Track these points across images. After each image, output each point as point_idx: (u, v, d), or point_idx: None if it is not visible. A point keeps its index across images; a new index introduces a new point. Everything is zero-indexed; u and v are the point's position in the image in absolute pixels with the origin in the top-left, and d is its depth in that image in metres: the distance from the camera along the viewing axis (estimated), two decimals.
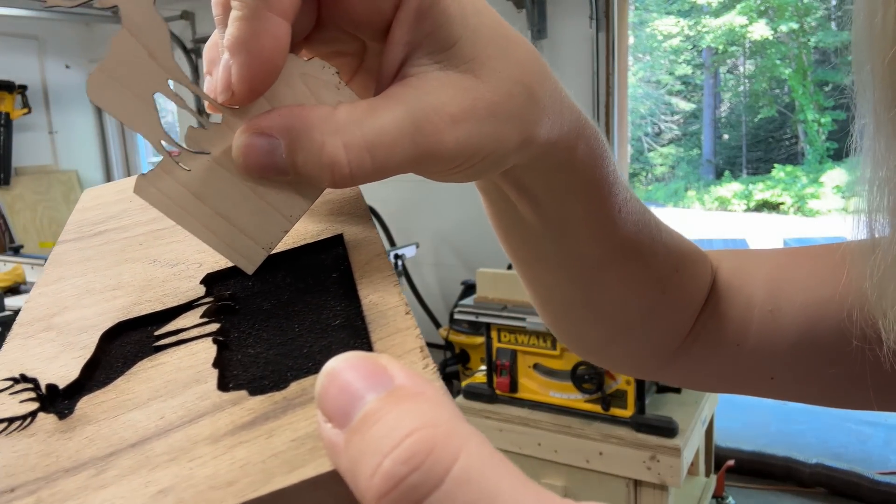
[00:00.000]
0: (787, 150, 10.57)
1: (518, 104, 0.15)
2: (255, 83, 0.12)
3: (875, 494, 1.48)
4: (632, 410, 1.05)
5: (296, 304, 0.14)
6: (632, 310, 0.22)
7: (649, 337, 0.24)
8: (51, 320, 0.15)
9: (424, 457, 0.07)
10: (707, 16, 10.09)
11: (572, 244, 0.20)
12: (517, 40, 0.15)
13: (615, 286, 0.21)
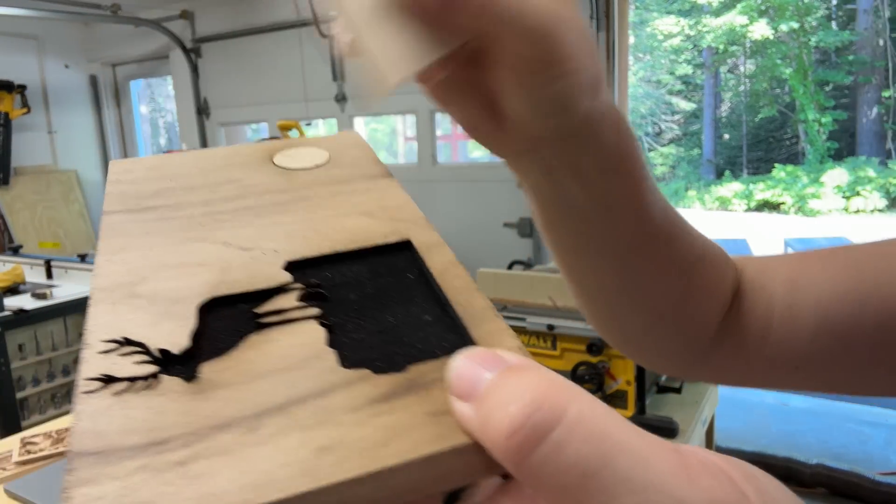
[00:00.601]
0: (788, 149, 10.56)
1: (591, 42, 0.17)
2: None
3: (876, 495, 1.48)
4: (632, 411, 1.05)
5: (381, 298, 0.14)
6: (663, 295, 0.24)
7: (681, 328, 0.26)
8: (134, 288, 0.14)
9: (543, 402, 0.09)
10: (707, 15, 10.07)
11: (614, 222, 0.22)
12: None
13: (648, 269, 0.23)
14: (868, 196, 7.86)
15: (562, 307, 1.06)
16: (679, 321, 0.25)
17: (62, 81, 3.53)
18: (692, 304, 0.25)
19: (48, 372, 1.58)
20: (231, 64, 3.19)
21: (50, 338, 1.57)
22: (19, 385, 1.52)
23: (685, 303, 0.25)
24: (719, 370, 0.27)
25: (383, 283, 0.15)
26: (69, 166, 3.57)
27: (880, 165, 8.41)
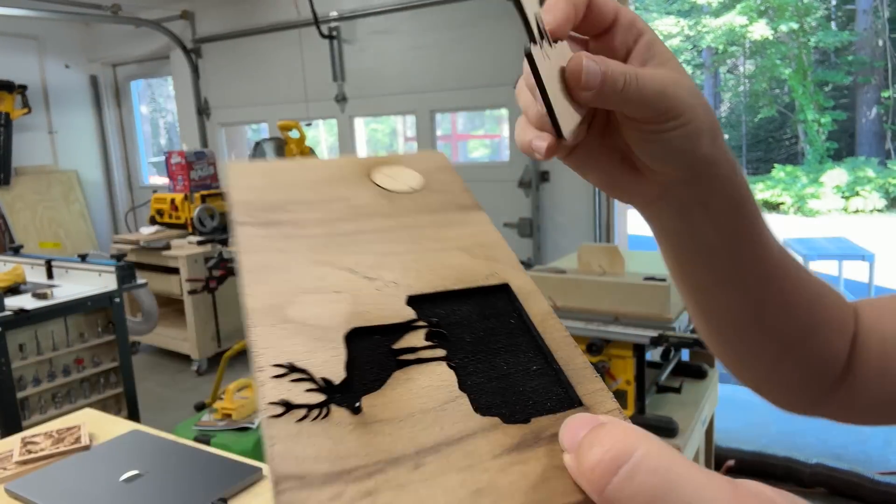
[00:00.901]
0: (787, 149, 10.57)
1: (702, 98, 0.21)
2: (558, 31, 0.20)
3: (875, 494, 1.48)
4: (632, 410, 1.05)
5: (491, 341, 0.16)
6: (791, 328, 0.26)
7: (807, 362, 0.27)
8: (283, 312, 0.16)
9: (616, 443, 0.12)
10: (707, 16, 10.08)
11: (742, 257, 0.24)
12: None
13: (776, 302, 0.26)
14: (867, 196, 7.87)
15: (562, 307, 1.06)
16: (805, 355, 0.27)
17: (63, 82, 3.52)
18: (817, 339, 0.27)
19: (49, 372, 1.58)
20: (231, 64, 3.19)
21: (50, 338, 1.57)
22: (20, 385, 1.52)
23: (811, 337, 0.27)
24: (842, 407, 0.29)
25: (491, 325, 0.16)
26: (70, 166, 3.57)
27: (879, 165, 8.42)
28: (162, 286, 2.68)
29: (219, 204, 2.88)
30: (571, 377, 0.15)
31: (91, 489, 0.75)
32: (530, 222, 2.45)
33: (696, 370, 1.26)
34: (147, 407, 2.20)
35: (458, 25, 2.50)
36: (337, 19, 2.75)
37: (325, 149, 6.45)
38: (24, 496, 0.75)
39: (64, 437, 0.91)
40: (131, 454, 0.84)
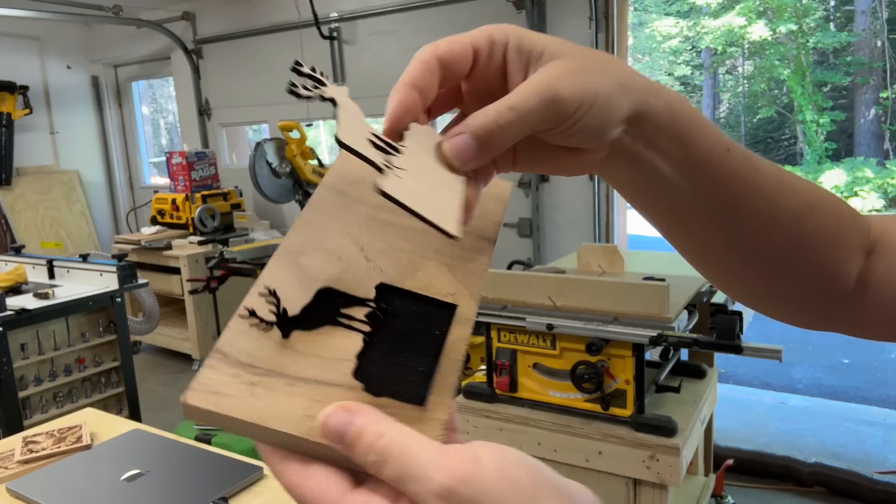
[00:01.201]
0: (786, 150, 10.58)
1: (600, 64, 0.21)
2: (397, 126, 0.21)
3: (874, 494, 1.48)
4: (631, 410, 1.05)
5: (408, 338, 0.20)
6: (775, 245, 0.25)
7: (805, 275, 0.26)
8: (298, 258, 0.21)
9: (334, 414, 0.16)
10: (706, 17, 10.10)
11: (703, 185, 0.24)
12: (588, 48, 0.22)
13: (753, 224, 0.25)
14: (866, 196, 7.89)
15: (561, 307, 1.07)
16: (799, 270, 0.26)
17: (64, 82, 3.53)
18: (807, 251, 0.26)
19: (50, 371, 1.59)
20: (232, 65, 3.19)
21: (52, 337, 1.57)
22: (21, 384, 1.53)
23: (798, 249, 0.26)
24: (859, 323, 0.28)
25: (419, 328, 0.20)
26: (71, 167, 3.57)
27: (878, 166, 8.43)
28: (163, 286, 2.69)
29: (219, 204, 2.88)
30: (435, 387, 0.19)
31: (92, 488, 0.75)
32: (530, 222, 2.46)
33: (695, 370, 1.27)
34: (148, 406, 2.20)
35: (458, 26, 2.51)
36: (337, 20, 2.76)
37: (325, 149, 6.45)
38: (26, 495, 0.75)
39: (65, 436, 0.91)
40: (132, 453, 0.84)
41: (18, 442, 0.89)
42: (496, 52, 0.21)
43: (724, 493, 1.44)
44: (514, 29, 0.21)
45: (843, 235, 0.27)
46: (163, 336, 2.80)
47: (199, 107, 3.32)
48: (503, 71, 0.21)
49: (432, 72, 0.21)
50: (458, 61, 0.21)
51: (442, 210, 0.19)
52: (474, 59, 0.21)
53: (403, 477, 0.15)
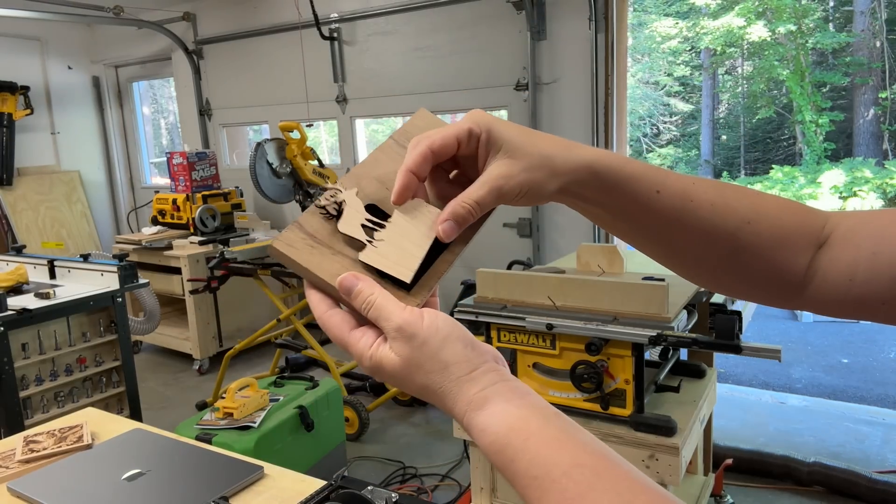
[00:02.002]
0: (785, 150, 10.59)
1: (540, 159, 0.30)
2: (401, 201, 0.31)
3: (872, 493, 1.49)
4: (630, 409, 1.06)
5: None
6: (711, 259, 0.32)
7: (748, 276, 0.33)
8: (360, 180, 0.32)
9: (355, 284, 0.29)
10: (705, 17, 10.10)
11: (641, 223, 0.32)
12: (534, 134, 0.31)
13: (688, 247, 0.32)
14: (865, 197, 7.89)
15: (561, 307, 1.07)
16: (741, 272, 0.32)
17: (65, 83, 3.53)
18: (748, 257, 0.32)
19: (51, 371, 1.59)
20: (233, 65, 3.20)
21: (53, 337, 1.57)
22: (22, 384, 1.53)
23: (738, 258, 0.32)
24: (815, 303, 0.33)
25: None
26: (72, 167, 3.58)
27: (877, 166, 8.44)
28: (164, 286, 2.69)
29: (220, 204, 2.88)
30: (418, 284, 0.30)
31: (93, 488, 0.76)
32: (529, 223, 2.46)
33: (694, 369, 1.27)
34: (149, 406, 2.21)
35: (458, 27, 2.51)
36: (338, 21, 2.76)
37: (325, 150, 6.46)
38: (27, 495, 0.75)
39: (66, 435, 0.91)
40: (133, 453, 0.84)
41: (19, 441, 0.90)
42: (472, 141, 0.30)
43: (723, 492, 1.44)
44: (489, 122, 0.30)
45: (788, 238, 0.32)
46: (163, 336, 2.80)
47: (199, 107, 3.33)
48: (476, 153, 0.30)
49: (426, 160, 0.29)
50: (445, 149, 0.30)
51: (402, 264, 0.30)
52: (458, 145, 0.30)
53: (378, 318, 0.28)
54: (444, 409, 0.27)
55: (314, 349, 2.06)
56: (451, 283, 2.67)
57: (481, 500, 1.18)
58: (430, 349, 0.27)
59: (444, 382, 0.26)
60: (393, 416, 2.14)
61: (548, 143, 0.29)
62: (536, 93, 2.36)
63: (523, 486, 0.24)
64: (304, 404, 1.57)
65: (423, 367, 0.27)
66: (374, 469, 1.79)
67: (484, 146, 0.29)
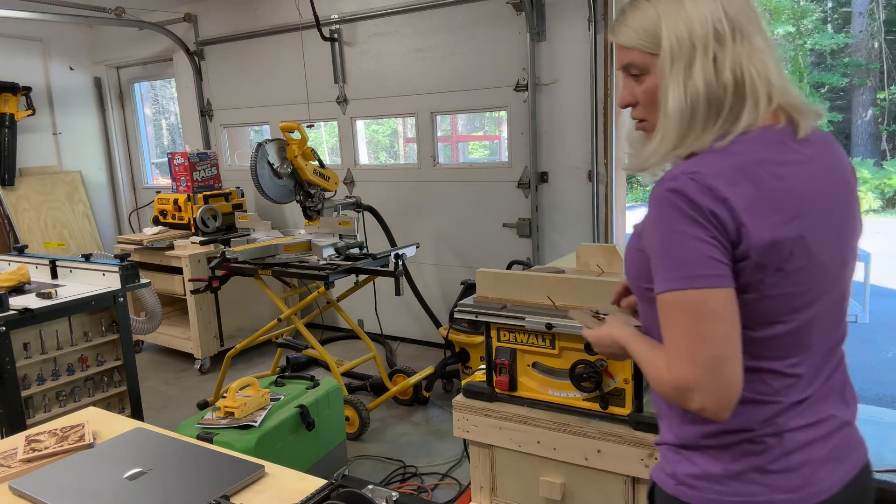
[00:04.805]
0: None
1: (612, 335, 0.66)
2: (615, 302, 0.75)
3: None
4: (630, 408, 1.06)
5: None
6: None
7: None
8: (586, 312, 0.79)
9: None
10: None
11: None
12: (612, 323, 0.69)
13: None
14: (863, 197, 7.89)
15: (560, 307, 1.08)
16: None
17: (67, 83, 3.54)
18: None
19: (53, 370, 1.59)
20: (234, 66, 3.21)
21: (55, 337, 1.58)
22: (24, 383, 1.54)
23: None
24: None
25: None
26: (74, 167, 3.58)
27: (875, 167, 8.44)
28: (165, 286, 2.70)
29: (221, 204, 2.89)
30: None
31: (95, 486, 0.76)
32: (529, 223, 2.47)
33: None
34: (150, 405, 2.21)
35: (458, 28, 2.52)
36: (338, 22, 2.77)
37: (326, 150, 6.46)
38: (29, 493, 0.76)
39: (68, 434, 0.92)
40: (134, 452, 0.85)
41: (21, 441, 0.90)
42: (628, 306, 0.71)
43: None
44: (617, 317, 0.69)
45: None
46: (165, 335, 2.81)
47: (200, 108, 3.34)
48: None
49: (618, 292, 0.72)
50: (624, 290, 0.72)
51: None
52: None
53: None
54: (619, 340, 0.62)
55: (315, 349, 2.07)
56: (451, 283, 2.68)
57: (481, 498, 1.19)
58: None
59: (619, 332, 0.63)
60: (393, 416, 2.14)
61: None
62: (536, 93, 2.36)
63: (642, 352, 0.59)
64: (304, 403, 1.57)
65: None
66: (375, 468, 1.80)
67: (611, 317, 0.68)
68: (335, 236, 2.14)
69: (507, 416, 1.12)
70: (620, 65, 0.59)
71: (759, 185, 0.51)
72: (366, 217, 2.38)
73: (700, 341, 0.49)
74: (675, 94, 0.53)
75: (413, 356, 2.65)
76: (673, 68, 0.54)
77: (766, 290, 0.52)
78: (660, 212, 0.51)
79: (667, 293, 0.51)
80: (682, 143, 0.54)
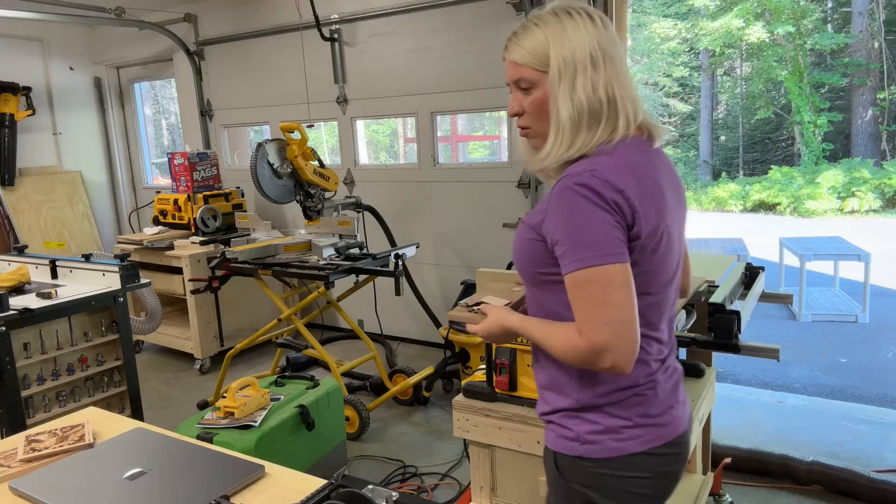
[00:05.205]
0: (784, 151, 10.60)
1: (497, 321, 0.74)
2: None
3: (871, 492, 1.49)
4: None
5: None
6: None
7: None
8: (486, 291, 0.89)
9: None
10: (704, 19, 10.12)
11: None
12: (496, 312, 0.75)
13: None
14: (863, 197, 7.90)
15: None
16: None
17: (67, 83, 3.54)
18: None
19: (53, 370, 1.59)
20: (234, 66, 3.20)
21: (55, 337, 1.58)
22: (24, 383, 1.53)
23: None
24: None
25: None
26: (74, 167, 3.58)
27: (875, 166, 8.45)
28: (165, 286, 2.69)
29: (221, 205, 2.89)
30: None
31: (95, 487, 0.76)
32: None
33: (693, 369, 1.28)
34: (150, 405, 2.21)
35: (458, 28, 2.52)
36: (338, 22, 2.77)
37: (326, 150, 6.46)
38: (29, 494, 0.76)
39: (68, 435, 0.92)
40: (134, 452, 0.84)
41: (21, 441, 0.90)
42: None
43: (722, 491, 1.45)
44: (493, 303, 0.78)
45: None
46: (165, 335, 2.80)
47: (200, 108, 3.33)
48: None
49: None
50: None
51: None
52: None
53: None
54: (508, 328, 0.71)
55: (315, 349, 2.07)
56: (451, 282, 2.67)
57: (481, 498, 1.19)
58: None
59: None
60: (393, 416, 2.14)
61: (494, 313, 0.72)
62: None
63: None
64: (304, 403, 1.57)
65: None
66: (375, 468, 1.80)
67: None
68: (335, 236, 2.14)
69: (507, 416, 1.12)
70: (512, 79, 0.69)
71: (639, 181, 0.63)
72: (366, 217, 2.38)
73: (611, 308, 0.59)
74: (565, 105, 0.64)
75: (413, 356, 2.65)
76: (561, 84, 0.64)
77: (643, 266, 0.64)
78: (571, 203, 0.61)
79: (582, 270, 0.60)
80: (573, 145, 0.65)
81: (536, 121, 0.68)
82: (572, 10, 0.66)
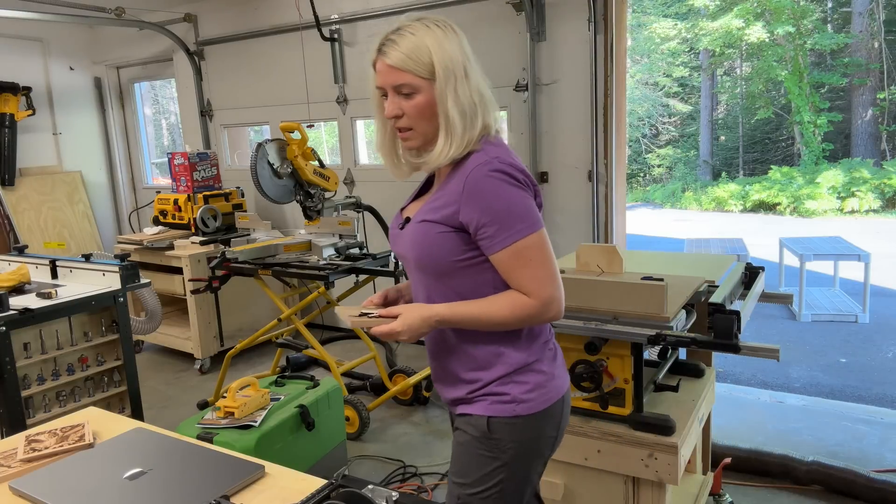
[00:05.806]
0: (784, 151, 10.60)
1: (410, 320, 0.75)
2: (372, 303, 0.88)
3: (871, 492, 1.49)
4: (630, 409, 1.06)
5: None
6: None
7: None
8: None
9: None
10: (704, 18, 10.12)
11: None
12: (410, 309, 0.76)
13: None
14: (863, 197, 7.90)
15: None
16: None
17: (67, 84, 3.53)
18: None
19: (53, 370, 1.59)
20: (234, 66, 3.20)
21: (55, 337, 1.58)
22: (24, 383, 1.53)
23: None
24: None
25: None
26: (74, 167, 3.58)
27: (875, 167, 8.46)
28: (165, 286, 2.69)
29: (221, 205, 2.89)
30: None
31: (95, 486, 0.76)
32: None
33: (693, 369, 1.28)
34: (150, 405, 2.21)
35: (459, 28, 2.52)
36: (338, 22, 2.77)
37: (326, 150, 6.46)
38: (29, 494, 0.75)
39: (68, 434, 0.92)
40: (135, 452, 0.84)
41: (21, 440, 0.90)
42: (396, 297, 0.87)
43: (721, 491, 1.45)
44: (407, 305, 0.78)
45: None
46: (165, 335, 2.80)
47: (200, 108, 3.33)
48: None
49: (380, 297, 0.85)
50: (389, 301, 0.86)
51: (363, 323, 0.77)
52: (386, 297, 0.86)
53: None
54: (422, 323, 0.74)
55: (315, 349, 2.07)
56: None
57: None
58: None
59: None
60: (393, 416, 2.14)
61: (411, 312, 0.74)
62: (536, 94, 2.37)
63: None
64: (304, 403, 1.57)
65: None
66: (375, 468, 1.80)
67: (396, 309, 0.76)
68: (335, 236, 2.14)
69: None
70: (391, 84, 0.74)
71: (521, 166, 0.74)
72: (366, 217, 2.38)
73: (550, 265, 0.72)
74: (455, 108, 0.73)
75: (413, 356, 2.65)
76: (447, 88, 0.72)
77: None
78: (491, 188, 0.71)
79: (519, 241, 0.70)
80: (462, 142, 0.73)
81: (419, 123, 0.74)
82: (439, 21, 0.74)
